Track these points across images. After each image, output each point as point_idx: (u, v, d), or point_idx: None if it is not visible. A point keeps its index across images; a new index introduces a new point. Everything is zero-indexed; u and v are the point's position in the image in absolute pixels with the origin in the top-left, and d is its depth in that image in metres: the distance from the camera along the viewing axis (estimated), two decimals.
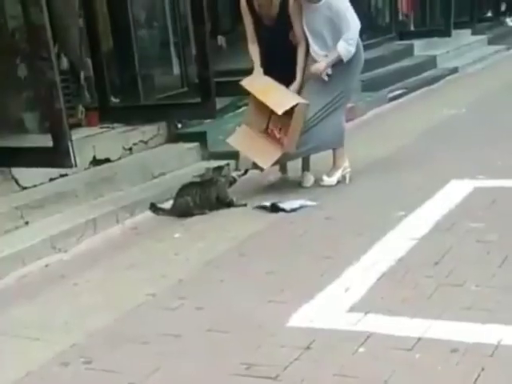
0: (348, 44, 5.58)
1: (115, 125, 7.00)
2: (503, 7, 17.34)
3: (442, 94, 10.19)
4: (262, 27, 5.83)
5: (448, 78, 11.39)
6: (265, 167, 5.84)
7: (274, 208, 5.39)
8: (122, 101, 7.42)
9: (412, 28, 13.93)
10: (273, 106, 5.60)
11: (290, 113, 5.55)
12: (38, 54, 5.07)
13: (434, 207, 5.13)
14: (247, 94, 6.01)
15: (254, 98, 5.83)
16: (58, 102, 5.07)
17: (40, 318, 3.97)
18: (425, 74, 11.29)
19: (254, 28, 5.87)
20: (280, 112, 5.52)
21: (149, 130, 7.00)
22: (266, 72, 5.83)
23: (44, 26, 4.95)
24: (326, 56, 5.70)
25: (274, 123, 5.85)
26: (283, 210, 5.36)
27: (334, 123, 5.88)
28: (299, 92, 5.77)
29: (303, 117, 5.65)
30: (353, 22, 5.60)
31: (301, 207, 5.42)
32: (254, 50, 5.91)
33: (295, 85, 5.76)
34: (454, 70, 11.74)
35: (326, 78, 5.73)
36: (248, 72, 6.02)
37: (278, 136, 5.82)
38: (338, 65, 5.68)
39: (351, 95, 6.17)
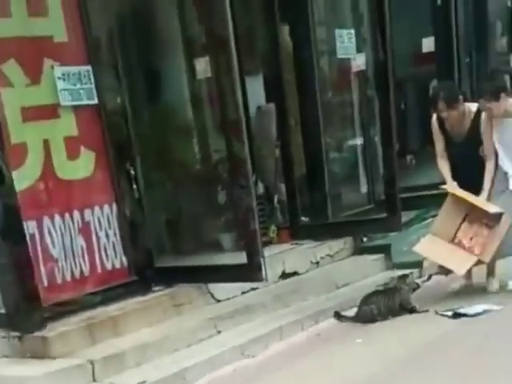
0: None
1: (304, 241, 7.33)
2: None
3: None
4: (451, 144, 6.05)
5: None
6: (461, 273, 5.90)
7: (456, 315, 5.38)
8: (312, 219, 7.74)
9: None
10: (482, 206, 5.71)
11: (484, 223, 5.70)
12: (237, 183, 5.55)
13: None
14: (437, 205, 6.17)
15: (449, 204, 5.94)
16: (253, 223, 5.47)
17: None
18: None
19: (444, 144, 6.10)
20: (492, 211, 5.63)
21: (335, 245, 7.26)
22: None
23: (245, 158, 5.43)
24: None
25: (463, 233, 5.92)
26: (465, 315, 5.33)
27: None
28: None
29: (506, 230, 5.69)
30: None
31: (484, 312, 5.35)
32: (444, 165, 6.11)
33: (483, 194, 5.83)
34: None
35: None
36: (433, 187, 6.18)
37: (467, 246, 5.88)
38: None
39: None
